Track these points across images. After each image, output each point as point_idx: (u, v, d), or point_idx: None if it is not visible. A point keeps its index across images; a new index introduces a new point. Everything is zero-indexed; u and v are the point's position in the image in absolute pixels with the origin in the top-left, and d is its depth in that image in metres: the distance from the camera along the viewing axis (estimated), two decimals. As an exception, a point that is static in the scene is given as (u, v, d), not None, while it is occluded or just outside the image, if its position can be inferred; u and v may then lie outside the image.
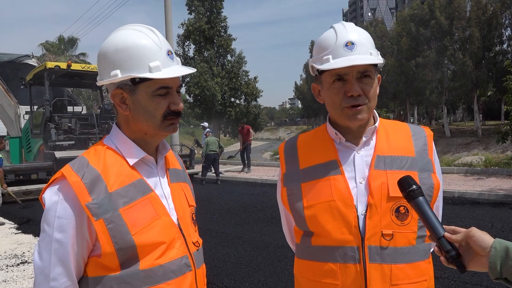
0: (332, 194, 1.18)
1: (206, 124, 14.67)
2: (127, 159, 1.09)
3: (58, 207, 1.00)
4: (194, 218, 1.22)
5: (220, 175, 12.17)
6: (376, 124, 1.25)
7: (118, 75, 1.04)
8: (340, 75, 1.16)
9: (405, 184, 1.03)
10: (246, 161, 14.10)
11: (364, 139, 1.23)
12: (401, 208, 1.15)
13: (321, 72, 1.20)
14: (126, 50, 1.04)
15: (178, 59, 1.12)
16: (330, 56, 1.15)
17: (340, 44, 1.15)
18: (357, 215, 1.15)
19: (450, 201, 7.68)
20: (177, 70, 1.07)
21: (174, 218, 1.12)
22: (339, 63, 1.13)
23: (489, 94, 31.11)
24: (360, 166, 1.21)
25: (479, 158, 13.15)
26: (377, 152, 1.21)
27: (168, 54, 1.07)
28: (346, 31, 1.17)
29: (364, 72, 1.16)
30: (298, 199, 1.23)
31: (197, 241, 1.17)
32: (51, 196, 1.02)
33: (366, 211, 1.15)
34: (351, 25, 1.21)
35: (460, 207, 7.14)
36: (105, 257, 1.00)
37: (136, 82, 1.05)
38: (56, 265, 1.00)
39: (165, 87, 1.06)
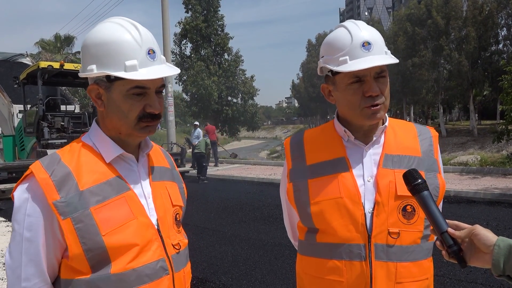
0: (340, 191, 1.17)
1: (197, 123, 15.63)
2: (104, 156, 1.04)
3: (28, 205, 0.96)
4: (179, 219, 1.15)
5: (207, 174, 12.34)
6: (386, 124, 1.24)
7: (94, 70, 1.00)
8: (359, 76, 1.14)
9: (410, 177, 1.03)
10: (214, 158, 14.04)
11: (374, 138, 1.22)
12: (408, 207, 1.15)
13: (335, 73, 1.17)
14: (104, 45, 1.00)
15: (163, 57, 1.06)
16: (347, 57, 1.13)
17: (356, 45, 1.13)
18: (364, 213, 1.15)
19: (446, 200, 7.72)
20: (155, 71, 1.00)
21: (154, 219, 1.06)
22: (358, 64, 1.11)
23: (485, 93, 31.32)
24: (368, 164, 1.20)
25: (474, 158, 13.24)
26: (385, 151, 1.21)
27: (149, 53, 1.01)
28: (360, 30, 1.15)
29: (380, 72, 1.16)
30: (304, 195, 1.22)
31: (178, 243, 1.10)
32: (21, 193, 0.98)
33: (373, 209, 1.15)
34: (362, 23, 1.19)
35: (455, 206, 7.19)
36: (73, 259, 0.95)
37: (111, 79, 1.01)
38: (27, 265, 0.96)
39: (140, 87, 1.00)
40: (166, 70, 1.03)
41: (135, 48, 1.00)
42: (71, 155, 1.02)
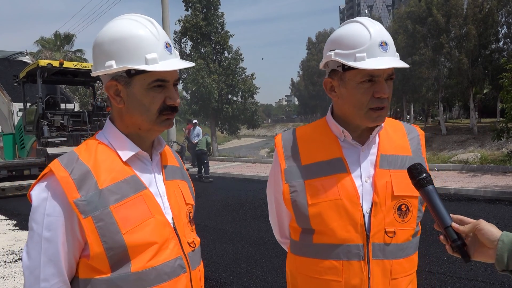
0: (339, 192, 1.17)
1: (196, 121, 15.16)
2: (120, 155, 1.03)
3: (47, 204, 0.95)
4: (191, 217, 1.16)
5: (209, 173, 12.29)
6: (382, 125, 1.23)
7: (113, 66, 1.00)
8: (372, 76, 1.12)
9: (415, 172, 1.03)
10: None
11: (370, 138, 1.22)
12: (403, 207, 1.18)
13: (346, 68, 1.14)
14: (122, 41, 0.99)
15: (177, 52, 1.08)
16: (365, 54, 1.10)
17: (375, 43, 1.11)
18: (363, 213, 1.16)
19: (446, 197, 7.73)
20: (175, 63, 1.02)
21: (169, 217, 1.06)
22: (379, 63, 1.09)
23: (485, 91, 31.35)
24: (365, 165, 1.20)
25: (474, 155, 13.26)
26: (381, 151, 1.22)
27: (166, 47, 1.02)
28: (377, 29, 1.13)
29: (391, 75, 1.15)
30: (301, 196, 1.20)
31: (193, 241, 1.12)
32: (39, 193, 0.97)
33: (371, 209, 1.16)
34: (377, 22, 1.16)
35: (456, 204, 7.20)
36: (94, 258, 0.95)
37: (131, 74, 1.00)
38: (46, 265, 0.95)
39: (161, 80, 1.01)
40: (184, 62, 1.05)
41: (154, 42, 1.00)
42: (88, 154, 1.02)
